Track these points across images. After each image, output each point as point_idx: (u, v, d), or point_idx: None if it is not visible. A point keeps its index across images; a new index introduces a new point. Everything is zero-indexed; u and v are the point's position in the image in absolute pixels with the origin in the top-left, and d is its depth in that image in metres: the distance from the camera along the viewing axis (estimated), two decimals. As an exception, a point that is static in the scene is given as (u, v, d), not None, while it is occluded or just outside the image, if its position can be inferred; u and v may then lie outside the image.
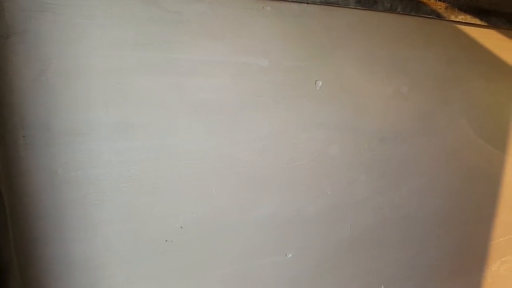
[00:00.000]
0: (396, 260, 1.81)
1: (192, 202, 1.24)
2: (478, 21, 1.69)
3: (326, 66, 1.40)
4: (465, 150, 1.90)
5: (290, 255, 1.46)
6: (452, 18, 1.59)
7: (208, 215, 1.27)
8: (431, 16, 1.53)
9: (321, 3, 1.30)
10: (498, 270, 2.31)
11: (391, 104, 1.57)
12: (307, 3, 1.29)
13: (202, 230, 1.28)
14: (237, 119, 1.26)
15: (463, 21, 1.64)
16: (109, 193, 1.11)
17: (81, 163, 1.06)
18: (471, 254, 2.16)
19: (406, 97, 1.60)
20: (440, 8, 1.54)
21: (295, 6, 1.28)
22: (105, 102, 1.06)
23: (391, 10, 1.42)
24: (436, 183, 1.84)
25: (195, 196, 1.24)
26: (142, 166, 1.13)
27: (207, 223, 1.28)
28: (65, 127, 1.03)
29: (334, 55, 1.40)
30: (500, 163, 2.10)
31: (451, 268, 2.07)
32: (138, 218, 1.16)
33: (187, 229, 1.24)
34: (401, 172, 1.69)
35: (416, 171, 1.74)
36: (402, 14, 1.46)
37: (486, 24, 1.74)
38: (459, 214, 1.99)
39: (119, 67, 1.06)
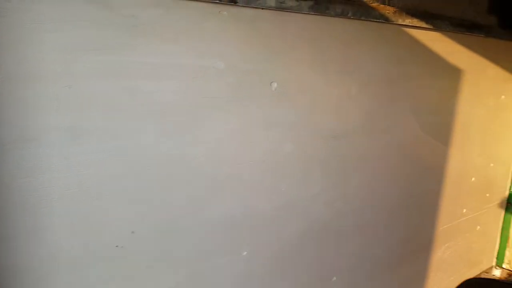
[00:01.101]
0: (348, 251, 1.91)
1: (144, 205, 1.23)
2: (424, 24, 1.79)
3: (281, 68, 1.44)
4: (412, 144, 2.03)
5: (246, 253, 1.50)
6: (400, 21, 1.68)
7: (160, 218, 1.27)
8: (380, 20, 1.60)
9: (275, 9, 1.32)
10: (443, 256, 2.49)
11: (343, 103, 1.64)
12: (262, 9, 1.31)
13: (155, 233, 1.27)
14: (193, 121, 1.27)
15: (410, 24, 1.73)
16: (58, 199, 1.07)
17: (30, 170, 1.03)
18: (418, 242, 2.31)
19: (357, 96, 1.67)
20: (389, 13, 1.62)
21: (250, 11, 1.29)
22: (56, 107, 1.04)
23: (343, 15, 1.48)
24: (384, 176, 1.95)
25: (147, 200, 1.23)
26: (93, 170, 1.11)
27: (159, 226, 1.27)
28: (13, 133, 0.99)
29: (288, 58, 1.44)
30: (443, 155, 2.26)
31: (400, 255, 2.21)
32: (88, 224, 1.13)
33: (139, 233, 1.23)
34: (352, 167, 1.78)
35: (366, 166, 1.83)
36: (352, 18, 1.52)
37: (432, 27, 1.85)
38: (406, 204, 2.12)
39: (71, 71, 1.04)
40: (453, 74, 2.13)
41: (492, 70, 2.39)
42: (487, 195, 2.76)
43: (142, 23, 1.12)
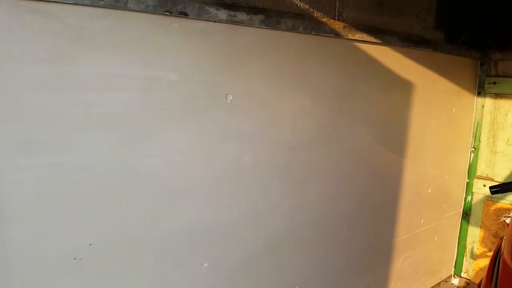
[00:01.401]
0: (309, 261, 1.92)
1: (101, 218, 1.21)
2: (373, 39, 1.88)
3: (236, 81, 1.46)
4: (367, 156, 2.09)
5: (206, 264, 1.49)
6: (350, 36, 1.75)
7: (118, 230, 1.25)
8: (330, 35, 1.67)
9: (227, 22, 1.36)
10: (402, 265, 2.54)
11: (297, 116, 1.68)
12: (214, 21, 1.34)
13: (113, 246, 1.25)
14: (147, 133, 1.27)
15: (360, 39, 1.81)
16: (11, 212, 1.05)
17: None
18: (378, 252, 2.35)
19: (310, 109, 1.72)
20: (339, 27, 1.69)
21: (202, 23, 1.32)
22: (3, 119, 1.02)
23: (293, 29, 1.53)
24: (342, 187, 1.99)
25: (104, 212, 1.21)
26: (46, 183, 1.09)
27: (118, 239, 1.25)
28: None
29: (242, 70, 1.47)
30: (399, 167, 2.33)
31: (361, 265, 2.24)
32: (43, 237, 1.11)
33: (97, 245, 1.21)
34: (310, 178, 1.81)
35: (323, 177, 1.87)
36: (303, 33, 1.58)
37: (381, 42, 1.93)
38: (365, 215, 2.17)
39: (19, 83, 1.02)
40: (404, 88, 2.22)
41: (442, 84, 2.52)
42: (444, 205, 2.86)
43: (90, 34, 1.12)
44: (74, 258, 1.18)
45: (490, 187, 1.88)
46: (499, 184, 1.87)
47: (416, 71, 2.26)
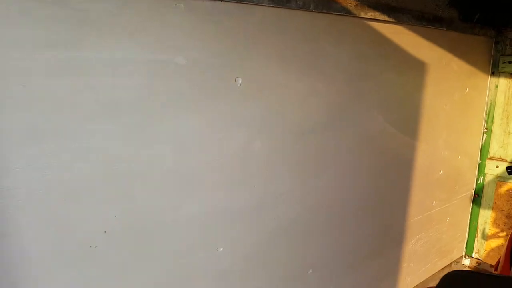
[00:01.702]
0: (322, 244, 1.91)
1: (115, 205, 1.20)
2: (386, 18, 1.81)
3: (245, 63, 1.42)
4: (380, 139, 2.05)
5: (222, 249, 1.49)
6: (362, 15, 1.69)
7: (132, 217, 1.24)
8: (342, 13, 1.61)
9: (234, 1, 1.31)
10: (414, 247, 2.53)
11: (308, 99, 1.64)
12: (221, 1, 1.29)
13: (128, 233, 1.24)
14: (156, 119, 1.24)
15: (373, 17, 1.74)
16: (24, 201, 1.03)
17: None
18: (391, 234, 2.34)
19: (321, 92, 1.67)
20: (350, 6, 1.62)
21: (208, 3, 1.27)
22: (9, 106, 0.99)
23: (304, 7, 1.47)
24: (353, 170, 1.96)
25: (118, 199, 1.20)
26: (58, 171, 1.07)
27: (132, 226, 1.24)
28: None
29: (252, 52, 1.42)
30: (412, 149, 2.29)
31: (373, 247, 2.22)
32: (57, 225, 1.10)
33: (111, 233, 1.20)
34: (321, 162, 1.78)
35: (334, 161, 1.83)
36: (314, 11, 1.52)
37: (394, 21, 1.87)
38: (377, 197, 2.14)
39: (24, 69, 0.99)
40: (418, 68, 2.16)
41: (456, 64, 2.45)
42: (456, 187, 2.82)
43: (94, 17, 1.08)
44: (90, 246, 1.17)
45: (507, 167, 1.84)
46: None
47: (429, 51, 2.19)
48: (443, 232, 2.80)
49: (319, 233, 1.88)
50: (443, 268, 2.89)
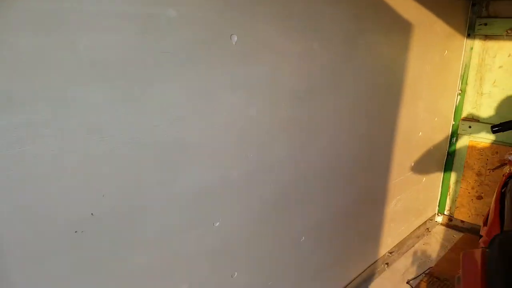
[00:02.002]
0: (312, 211, 1.88)
1: (102, 183, 1.05)
2: (380, -26, 1.72)
3: (241, 19, 1.29)
4: (368, 102, 2.01)
5: (218, 223, 1.40)
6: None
7: (122, 195, 1.10)
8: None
9: None
10: (395, 208, 2.58)
11: (304, 60, 1.54)
12: None
13: (118, 213, 1.10)
14: (146, 82, 1.09)
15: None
16: None
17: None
18: (374, 196, 2.36)
19: (317, 53, 1.58)
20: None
21: (204, -52, 1.12)
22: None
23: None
24: (345, 134, 1.92)
25: (105, 176, 1.05)
26: (38, 145, 0.91)
27: (122, 205, 1.10)
28: None
29: (247, 8, 1.29)
30: (395, 111, 2.28)
31: (358, 210, 2.24)
32: (38, 209, 0.95)
33: (99, 215, 1.06)
34: (315, 126, 1.71)
35: (327, 124, 1.78)
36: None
37: (387, -23, 1.78)
38: (362, 161, 2.13)
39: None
40: (405, 29, 2.11)
41: (438, 25, 2.43)
42: (431, 148, 2.89)
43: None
44: (76, 231, 1.02)
45: (492, 126, 1.88)
46: (500, 123, 1.87)
47: (416, 12, 2.15)
48: (419, 192, 2.88)
49: (312, 199, 1.85)
50: (419, 227, 3.00)
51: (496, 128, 1.85)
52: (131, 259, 1.17)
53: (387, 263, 2.59)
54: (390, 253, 2.64)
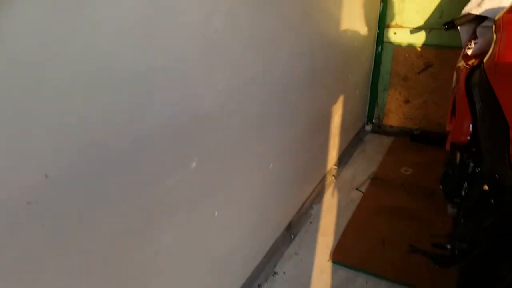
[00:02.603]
0: (277, 135, 1.78)
1: (52, 131, 0.76)
2: None
3: None
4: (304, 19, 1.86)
5: (194, 164, 1.19)
6: None
7: (80, 144, 0.82)
8: None
9: None
10: (337, 121, 2.60)
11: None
12: None
13: (78, 170, 0.83)
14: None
15: None
16: None
17: None
18: (322, 114, 2.33)
19: None
20: None
21: None
22: None
23: None
24: (300, 48, 1.78)
25: (53, 121, 0.76)
26: None
27: (81, 159, 0.83)
28: None
29: None
30: (337, 26, 2.18)
31: (313, 128, 2.19)
32: None
33: (55, 175, 0.78)
34: (279, 38, 1.54)
35: (289, 36, 1.61)
36: None
37: None
38: (312, 78, 2.04)
39: None
40: None
41: None
42: (363, 58, 2.91)
43: None
44: (28, 203, 0.74)
45: (444, 24, 1.90)
46: (452, 19, 1.89)
47: None
48: (354, 105, 2.94)
49: (276, 123, 1.73)
50: (353, 137, 3.12)
51: (449, 24, 1.88)
52: (101, 224, 0.93)
53: (333, 175, 2.67)
54: (336, 165, 2.72)
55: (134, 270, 1.07)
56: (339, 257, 1.98)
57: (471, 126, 1.54)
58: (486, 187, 1.31)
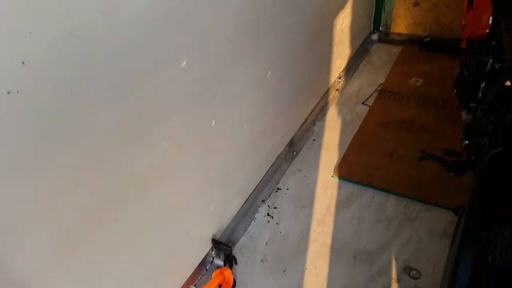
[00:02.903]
0: (278, 46, 1.57)
1: (27, 12, 0.62)
2: None
3: None
4: None
5: (184, 63, 1.02)
6: None
7: (55, 30, 0.68)
8: None
9: None
10: (341, 27, 2.34)
11: None
12: None
13: (61, 58, 0.70)
14: None
15: None
16: None
17: None
18: (324, 19, 2.08)
19: None
20: None
21: None
22: None
23: None
24: None
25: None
26: None
27: (57, 45, 0.69)
28: None
29: None
30: None
31: (312, 37, 1.96)
32: None
33: (35, 62, 0.66)
34: None
35: None
36: None
37: None
38: None
39: None
40: None
41: None
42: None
43: None
44: (8, 92, 0.63)
45: None
46: None
47: None
48: (359, 9, 2.64)
49: (275, 33, 1.52)
50: (359, 47, 2.86)
51: None
52: (92, 116, 0.81)
53: (337, 89, 2.48)
54: (339, 78, 2.51)
55: (134, 173, 0.99)
56: (344, 172, 1.88)
57: (491, 18, 1.34)
58: (508, 83, 1.15)
